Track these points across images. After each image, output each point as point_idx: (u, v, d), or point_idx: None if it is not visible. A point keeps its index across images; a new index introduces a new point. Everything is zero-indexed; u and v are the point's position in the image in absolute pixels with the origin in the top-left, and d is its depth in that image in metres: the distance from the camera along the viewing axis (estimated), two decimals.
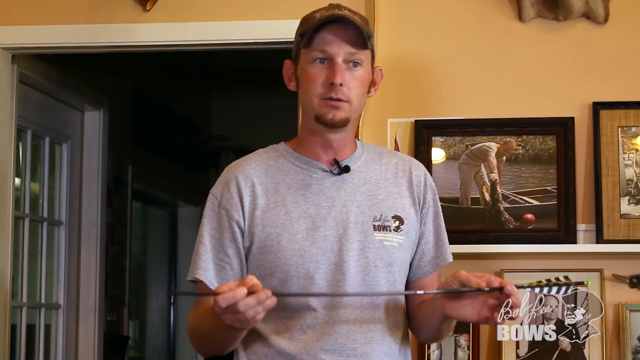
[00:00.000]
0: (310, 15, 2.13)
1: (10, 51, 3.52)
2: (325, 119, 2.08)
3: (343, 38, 2.07)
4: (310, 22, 2.10)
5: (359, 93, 2.09)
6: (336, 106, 2.07)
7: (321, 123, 2.09)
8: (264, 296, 1.82)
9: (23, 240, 4.13)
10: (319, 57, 2.08)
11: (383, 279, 2.09)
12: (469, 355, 3.05)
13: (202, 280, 2.10)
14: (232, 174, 2.15)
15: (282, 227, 2.08)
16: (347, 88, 2.06)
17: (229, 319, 1.85)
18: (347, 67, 2.07)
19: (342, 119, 2.08)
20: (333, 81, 2.05)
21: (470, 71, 3.19)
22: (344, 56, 2.07)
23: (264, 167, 2.15)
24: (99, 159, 4.65)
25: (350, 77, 2.07)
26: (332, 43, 2.07)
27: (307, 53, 2.09)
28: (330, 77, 2.06)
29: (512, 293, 1.91)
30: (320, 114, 2.08)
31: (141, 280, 7.19)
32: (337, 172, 2.13)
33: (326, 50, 2.07)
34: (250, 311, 1.82)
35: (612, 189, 3.06)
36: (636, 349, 3.00)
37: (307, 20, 2.13)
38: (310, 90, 2.08)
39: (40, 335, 4.30)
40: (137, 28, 3.35)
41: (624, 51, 3.15)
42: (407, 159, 2.24)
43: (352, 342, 2.05)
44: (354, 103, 2.09)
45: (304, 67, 2.10)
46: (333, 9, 2.10)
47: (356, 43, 2.07)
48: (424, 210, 2.18)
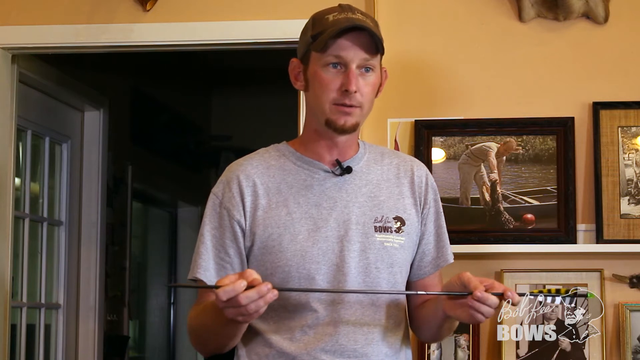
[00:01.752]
0: (322, 17, 2.10)
1: (10, 51, 3.51)
2: (336, 125, 2.07)
3: (358, 44, 2.05)
4: (324, 25, 2.07)
5: (370, 98, 2.09)
6: (348, 112, 2.06)
7: (331, 128, 2.09)
8: (265, 289, 1.83)
9: (23, 240, 4.13)
10: (332, 62, 2.06)
11: (384, 280, 2.09)
12: (469, 355, 3.05)
13: (203, 280, 2.09)
14: (233, 174, 2.14)
15: (283, 228, 2.08)
16: (360, 94, 2.06)
17: (231, 313, 1.86)
18: (360, 72, 2.06)
19: (353, 125, 2.08)
20: (348, 88, 2.04)
21: (470, 71, 3.19)
22: (358, 62, 2.06)
23: (265, 166, 2.15)
24: (99, 159, 4.65)
25: (364, 83, 2.07)
26: (348, 49, 2.05)
27: (319, 57, 2.07)
28: (345, 83, 2.05)
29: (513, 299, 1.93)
30: (332, 119, 2.07)
31: (141, 280, 7.18)
32: (339, 173, 2.13)
33: (341, 56, 2.05)
34: (252, 304, 1.82)
35: (612, 189, 3.06)
36: (636, 349, 3.00)
37: (320, 22, 2.10)
38: (323, 95, 2.07)
39: (40, 335, 4.30)
40: (137, 28, 3.35)
41: (624, 51, 3.15)
42: (408, 159, 2.24)
43: (353, 342, 2.05)
44: (365, 108, 2.09)
45: (316, 70, 2.08)
46: (346, 12, 2.08)
47: (370, 49, 2.06)
48: (424, 210, 2.18)
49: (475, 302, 1.92)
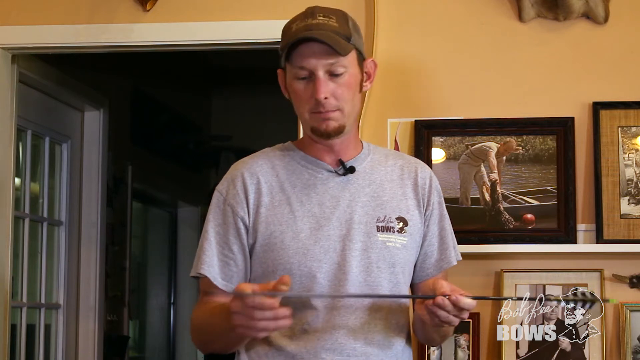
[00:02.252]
0: (288, 27, 2.11)
1: (10, 51, 3.51)
2: (320, 131, 2.09)
3: (318, 51, 2.05)
4: (288, 36, 2.08)
5: (348, 98, 2.08)
6: (326, 117, 2.07)
7: (317, 134, 2.11)
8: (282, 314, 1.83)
9: (23, 240, 4.13)
10: (301, 74, 2.07)
11: (385, 280, 2.09)
12: (469, 355, 3.05)
13: (207, 276, 2.10)
14: (238, 171, 2.15)
15: (285, 226, 2.08)
16: (333, 98, 2.06)
17: (238, 319, 1.85)
18: (330, 77, 2.06)
19: (336, 128, 2.09)
20: (317, 97, 2.05)
21: (470, 71, 3.19)
22: (324, 68, 2.06)
23: (269, 165, 2.16)
24: (99, 159, 4.66)
25: (335, 87, 2.06)
26: (309, 58, 2.05)
27: (290, 68, 2.09)
28: (313, 92, 2.06)
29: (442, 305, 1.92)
30: (315, 127, 2.09)
31: (141, 280, 7.18)
32: (342, 173, 2.14)
33: (305, 67, 2.06)
34: (263, 322, 1.83)
35: (612, 189, 3.06)
36: (636, 349, 3.00)
37: (286, 32, 2.11)
38: (300, 106, 2.10)
39: (40, 335, 4.30)
40: (137, 28, 3.35)
41: (624, 51, 3.15)
42: (413, 160, 2.24)
43: (353, 341, 2.06)
44: (346, 109, 2.09)
45: (290, 83, 2.11)
46: (308, 18, 2.08)
47: (334, 52, 2.05)
48: (427, 212, 2.18)
49: (433, 306, 1.93)
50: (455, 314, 1.93)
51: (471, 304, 1.93)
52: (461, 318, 1.95)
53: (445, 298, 1.91)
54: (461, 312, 1.94)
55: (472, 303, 1.93)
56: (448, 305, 1.92)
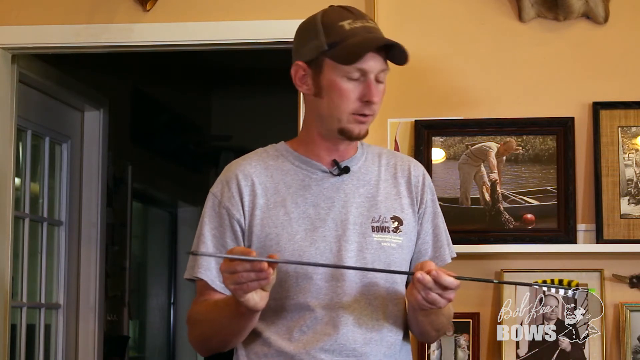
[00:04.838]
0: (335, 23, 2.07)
1: (10, 51, 3.52)
2: (351, 134, 2.09)
3: (379, 56, 2.06)
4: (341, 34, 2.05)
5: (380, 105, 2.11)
6: (364, 121, 2.08)
7: (344, 136, 2.09)
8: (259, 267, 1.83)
9: (23, 240, 4.13)
10: (354, 74, 2.05)
11: (382, 280, 2.09)
12: (469, 355, 3.05)
13: (204, 279, 2.09)
14: (232, 173, 2.14)
15: (281, 228, 2.08)
16: (377, 105, 2.08)
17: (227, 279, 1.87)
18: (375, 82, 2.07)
19: (366, 132, 2.11)
20: (371, 99, 2.06)
21: (470, 71, 3.19)
22: (376, 73, 2.07)
23: (263, 166, 2.15)
24: (99, 159, 4.66)
25: (378, 92, 2.08)
26: (371, 61, 2.05)
27: (340, 67, 2.06)
28: (367, 94, 2.05)
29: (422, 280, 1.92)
30: (348, 129, 2.08)
31: (141, 280, 7.18)
32: (336, 173, 2.13)
33: (364, 69, 2.05)
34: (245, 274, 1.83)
35: (612, 189, 3.06)
36: (636, 349, 3.00)
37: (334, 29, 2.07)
38: (342, 105, 2.07)
39: (40, 335, 4.30)
40: (137, 28, 3.35)
41: (624, 51, 3.15)
42: (406, 159, 2.24)
43: (352, 342, 2.05)
44: (376, 115, 2.11)
45: (333, 80, 2.07)
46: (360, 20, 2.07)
47: (385, 60, 2.08)
48: (421, 210, 2.18)
49: (417, 283, 1.92)
50: (438, 292, 1.92)
51: (452, 281, 1.91)
52: (446, 298, 1.93)
53: (424, 273, 1.91)
54: (445, 292, 1.92)
55: (454, 281, 1.92)
56: (429, 282, 1.91)
